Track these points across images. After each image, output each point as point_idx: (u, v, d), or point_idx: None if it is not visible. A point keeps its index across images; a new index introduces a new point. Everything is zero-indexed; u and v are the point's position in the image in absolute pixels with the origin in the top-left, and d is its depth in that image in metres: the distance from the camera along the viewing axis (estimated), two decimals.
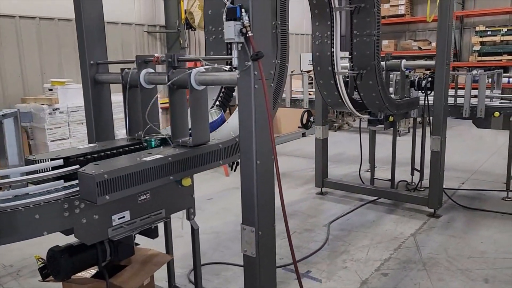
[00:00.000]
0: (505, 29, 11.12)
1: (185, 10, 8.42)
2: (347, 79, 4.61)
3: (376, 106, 4.32)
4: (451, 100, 5.21)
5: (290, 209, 4.95)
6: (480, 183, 5.80)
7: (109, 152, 2.34)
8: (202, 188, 5.91)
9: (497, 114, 4.86)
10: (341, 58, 4.26)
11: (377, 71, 3.99)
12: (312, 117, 5.26)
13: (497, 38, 11.19)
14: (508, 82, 10.96)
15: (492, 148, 7.58)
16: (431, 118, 4.50)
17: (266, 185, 2.07)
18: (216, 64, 2.34)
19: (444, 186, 5.62)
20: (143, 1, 8.42)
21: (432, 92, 4.52)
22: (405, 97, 4.78)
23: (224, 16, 1.91)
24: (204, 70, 2.24)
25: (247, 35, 1.89)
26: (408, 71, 5.19)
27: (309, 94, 6.12)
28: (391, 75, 5.10)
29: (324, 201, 5.26)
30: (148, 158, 2.07)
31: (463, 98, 4.91)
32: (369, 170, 6.61)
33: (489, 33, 11.34)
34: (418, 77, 4.81)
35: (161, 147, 2.36)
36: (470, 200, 5.14)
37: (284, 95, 6.60)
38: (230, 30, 1.87)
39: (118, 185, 1.91)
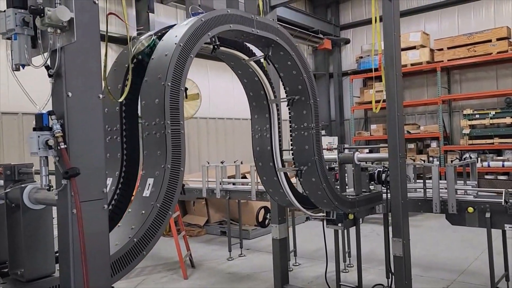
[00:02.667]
0: (493, 112, 10.88)
1: None
2: None
3: (325, 205, 3.84)
4: (421, 193, 4.75)
5: None
6: (467, 286, 5.05)
7: None
8: None
9: (471, 209, 4.33)
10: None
11: (319, 167, 3.57)
12: (268, 214, 4.76)
13: (486, 121, 10.92)
14: (503, 166, 10.47)
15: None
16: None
17: None
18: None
19: None
20: None
21: None
22: (364, 192, 4.31)
23: (34, 123, 1.55)
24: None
25: (59, 147, 1.51)
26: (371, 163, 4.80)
27: None
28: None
29: None
30: None
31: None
32: (346, 270, 5.95)
33: (477, 116, 11.10)
34: (377, 170, 4.38)
35: None
36: None
37: (249, 187, 6.18)
38: (33, 142, 1.49)
39: None
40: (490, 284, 4.35)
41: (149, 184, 2.41)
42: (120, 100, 2.14)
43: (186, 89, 2.59)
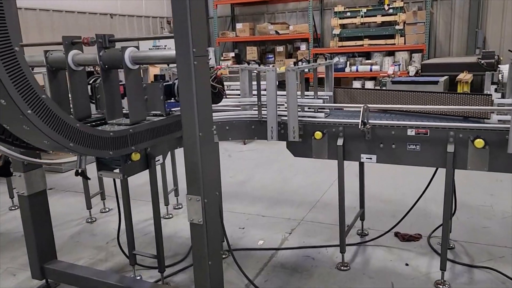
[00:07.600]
0: (364, 10, 9.77)
1: None
2: None
3: (50, 147, 2.04)
4: (255, 113, 3.25)
5: None
6: (316, 228, 3.92)
7: None
8: None
9: (319, 135, 2.95)
10: None
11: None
12: (9, 157, 2.83)
13: (357, 20, 9.81)
14: (370, 70, 9.69)
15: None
16: None
17: None
18: None
19: (261, 242, 3.68)
20: None
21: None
22: (161, 116, 2.57)
23: None
24: None
25: None
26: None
27: None
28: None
29: None
30: None
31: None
32: (169, 215, 4.41)
33: (348, 14, 9.92)
34: (176, 78, 2.64)
35: None
36: (290, 272, 3.17)
37: None
38: None
39: None
40: (339, 231, 3.16)
41: None
42: None
43: None
